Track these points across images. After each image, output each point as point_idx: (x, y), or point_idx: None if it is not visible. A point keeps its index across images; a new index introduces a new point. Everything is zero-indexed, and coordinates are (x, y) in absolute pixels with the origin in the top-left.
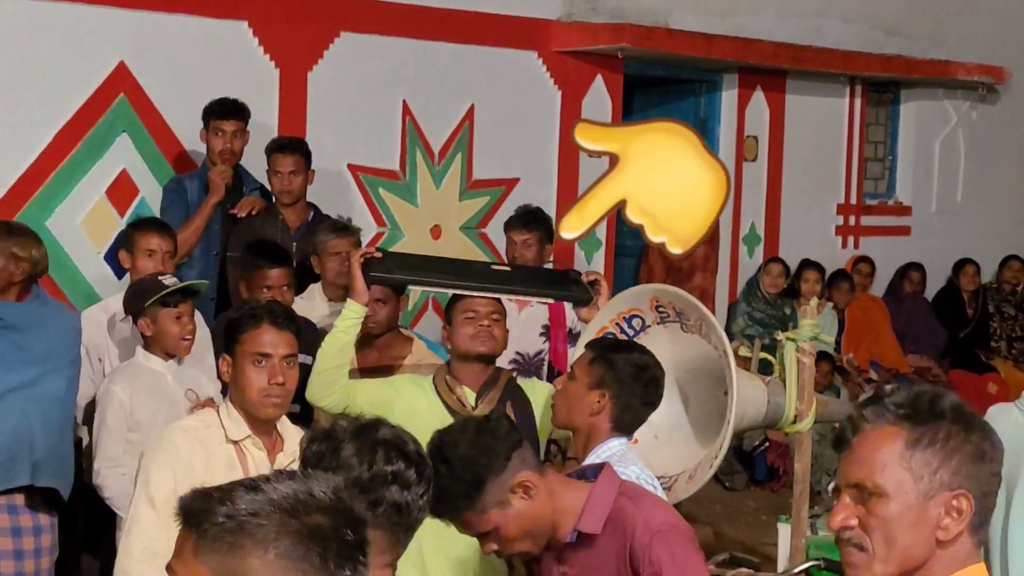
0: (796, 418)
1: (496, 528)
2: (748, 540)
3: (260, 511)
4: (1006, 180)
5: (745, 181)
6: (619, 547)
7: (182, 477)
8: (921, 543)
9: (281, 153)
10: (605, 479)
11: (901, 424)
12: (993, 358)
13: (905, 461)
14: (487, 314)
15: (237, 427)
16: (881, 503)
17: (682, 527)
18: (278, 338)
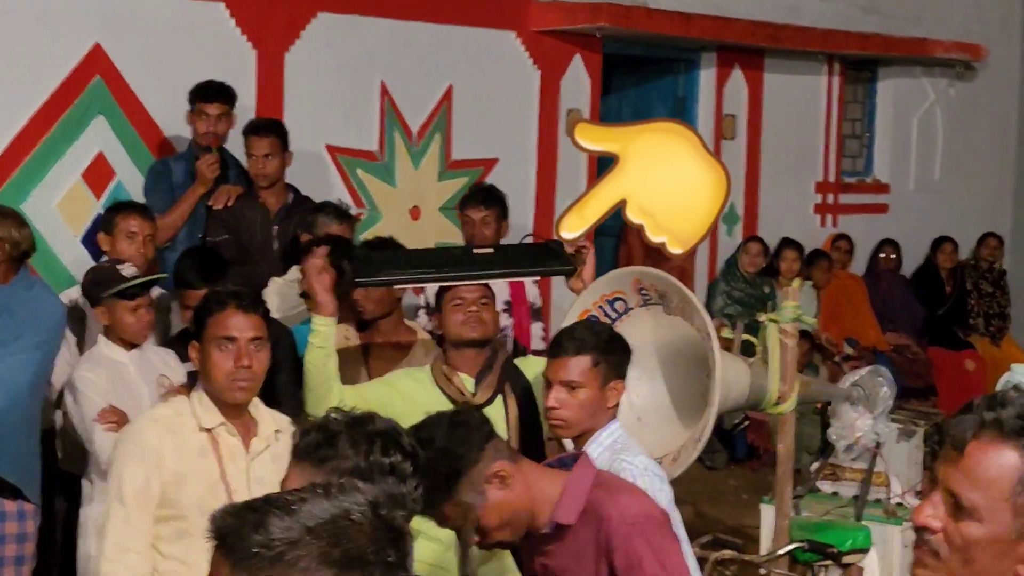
0: (779, 399)
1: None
2: (729, 519)
3: (298, 540)
4: (984, 157)
5: (724, 160)
6: (596, 539)
7: (152, 469)
8: (999, 571)
9: (256, 135)
10: (580, 469)
11: (1021, 449)
12: (971, 335)
13: (1012, 495)
14: (475, 299)
15: (209, 414)
16: (972, 525)
17: (657, 516)
18: (244, 321)
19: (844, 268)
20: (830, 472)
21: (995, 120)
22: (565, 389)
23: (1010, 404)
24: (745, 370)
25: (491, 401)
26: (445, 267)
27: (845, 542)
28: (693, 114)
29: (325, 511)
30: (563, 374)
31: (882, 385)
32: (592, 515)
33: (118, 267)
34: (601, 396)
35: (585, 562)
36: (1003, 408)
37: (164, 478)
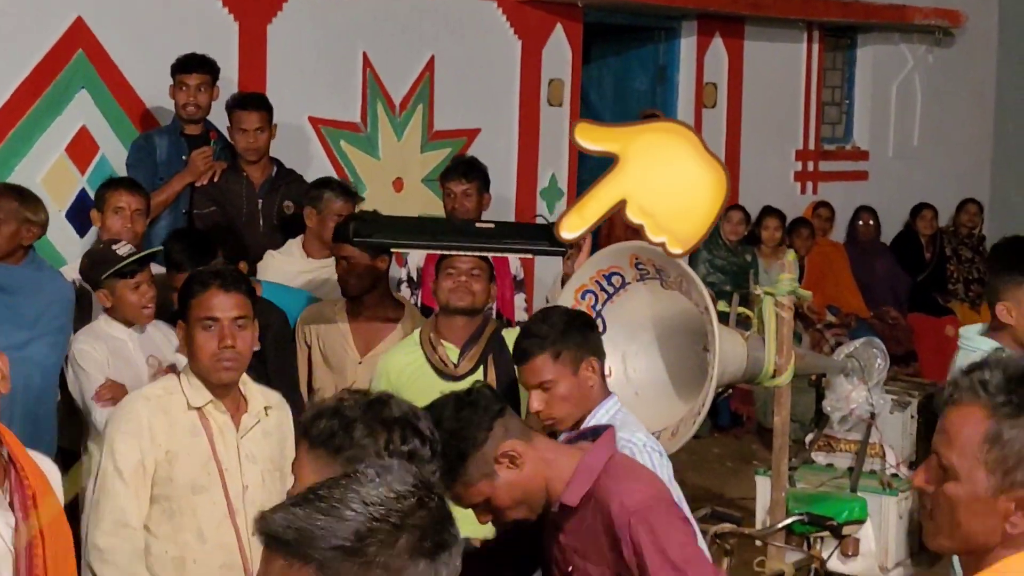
0: (775, 372)
1: (487, 499)
2: (713, 487)
3: (369, 532)
4: (963, 124)
5: (704, 128)
6: (602, 523)
7: (147, 446)
8: (986, 531)
9: (245, 110)
10: (599, 449)
11: (989, 410)
12: (950, 301)
13: (981, 452)
14: (467, 270)
15: (198, 393)
16: (951, 485)
17: (660, 500)
18: (227, 301)
19: (825, 235)
20: (825, 444)
21: (973, 86)
22: (541, 391)
23: (986, 367)
24: (741, 343)
25: (473, 371)
26: (444, 237)
27: (841, 513)
28: (674, 83)
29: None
30: (533, 378)
31: (877, 357)
32: (598, 501)
33: (113, 247)
34: (578, 381)
35: (593, 544)
36: (979, 371)
37: (157, 456)
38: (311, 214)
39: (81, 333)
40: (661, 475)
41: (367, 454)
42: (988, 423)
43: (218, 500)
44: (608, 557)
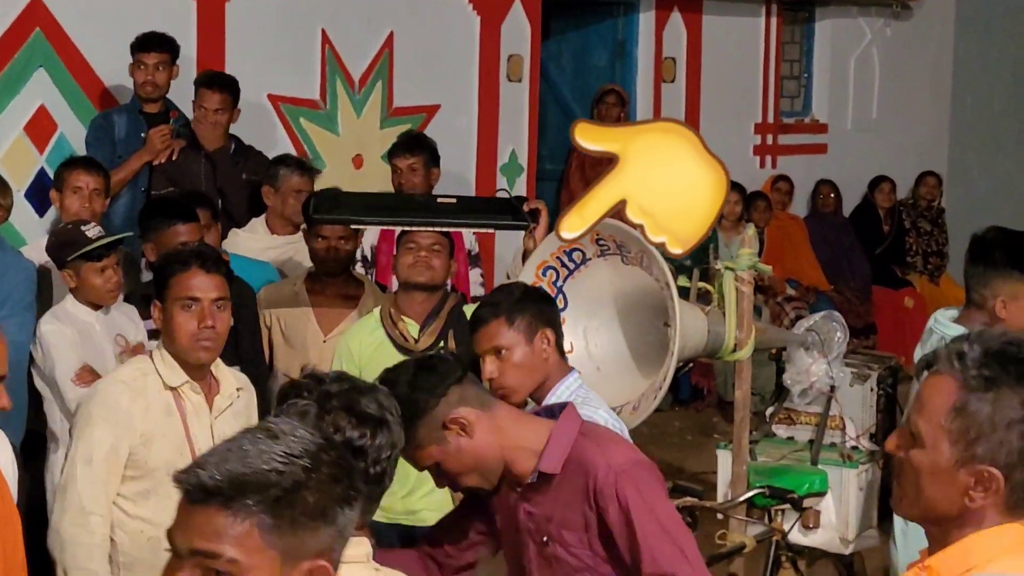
0: (736, 346)
1: (437, 464)
2: (675, 461)
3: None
4: (921, 96)
5: (664, 103)
6: (582, 487)
7: (123, 432)
8: (947, 502)
9: (209, 89)
10: (567, 418)
11: (960, 380)
12: (909, 273)
13: (946, 422)
14: (427, 245)
15: (173, 373)
16: (917, 452)
17: (645, 463)
18: (207, 281)
19: (784, 209)
20: (785, 417)
21: (931, 59)
22: (494, 357)
23: (968, 340)
24: (702, 318)
25: (433, 347)
26: (404, 212)
27: (802, 486)
28: (633, 58)
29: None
30: (486, 343)
31: (836, 330)
32: (577, 464)
33: (82, 228)
34: (532, 350)
35: (572, 511)
36: (959, 343)
37: (133, 440)
38: (269, 192)
39: (48, 314)
40: None
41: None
42: (957, 393)
43: None
44: (587, 521)
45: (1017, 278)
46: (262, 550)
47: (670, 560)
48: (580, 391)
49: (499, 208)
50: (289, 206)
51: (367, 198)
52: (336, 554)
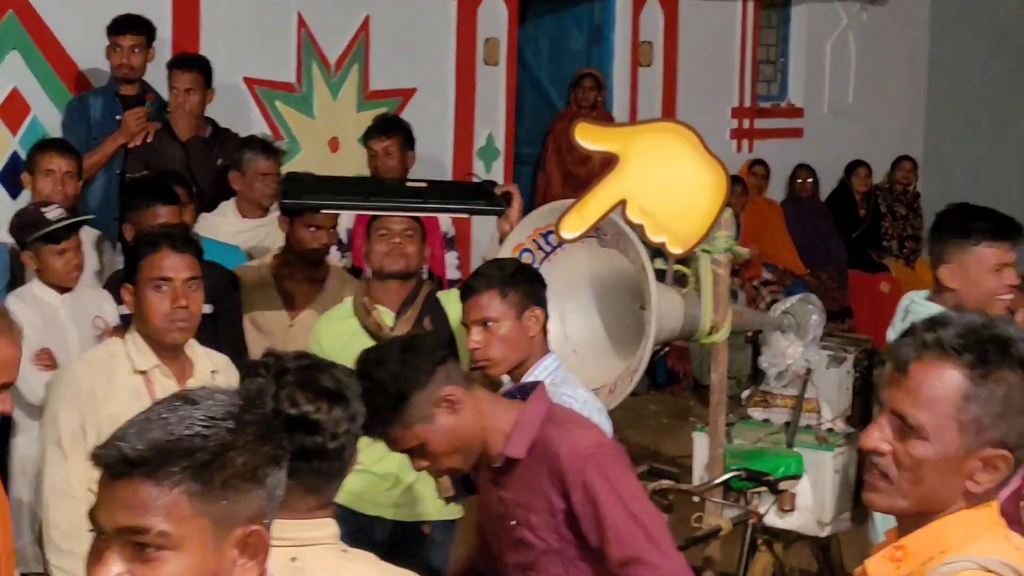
0: (712, 329)
1: (423, 444)
2: (651, 444)
3: (230, 442)
4: (897, 81)
5: (640, 87)
6: (547, 473)
7: (87, 412)
8: (949, 490)
9: (180, 69)
10: (535, 401)
11: (963, 368)
12: (885, 257)
13: (957, 412)
14: (400, 231)
15: (144, 357)
16: (919, 444)
17: (610, 446)
18: (179, 261)
19: (761, 193)
20: (761, 399)
21: (907, 43)
22: (481, 328)
23: (950, 324)
24: (679, 301)
25: None
26: (375, 196)
27: (778, 469)
28: (609, 41)
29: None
30: (475, 313)
31: (812, 313)
32: (543, 450)
33: (42, 210)
34: (520, 326)
35: (537, 495)
36: (943, 328)
37: (99, 421)
38: (236, 177)
39: (14, 295)
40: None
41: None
42: (965, 382)
43: None
44: (553, 506)
45: (961, 246)
46: (192, 518)
47: (636, 544)
48: (558, 372)
49: (471, 192)
50: (256, 190)
51: (338, 183)
52: (269, 518)
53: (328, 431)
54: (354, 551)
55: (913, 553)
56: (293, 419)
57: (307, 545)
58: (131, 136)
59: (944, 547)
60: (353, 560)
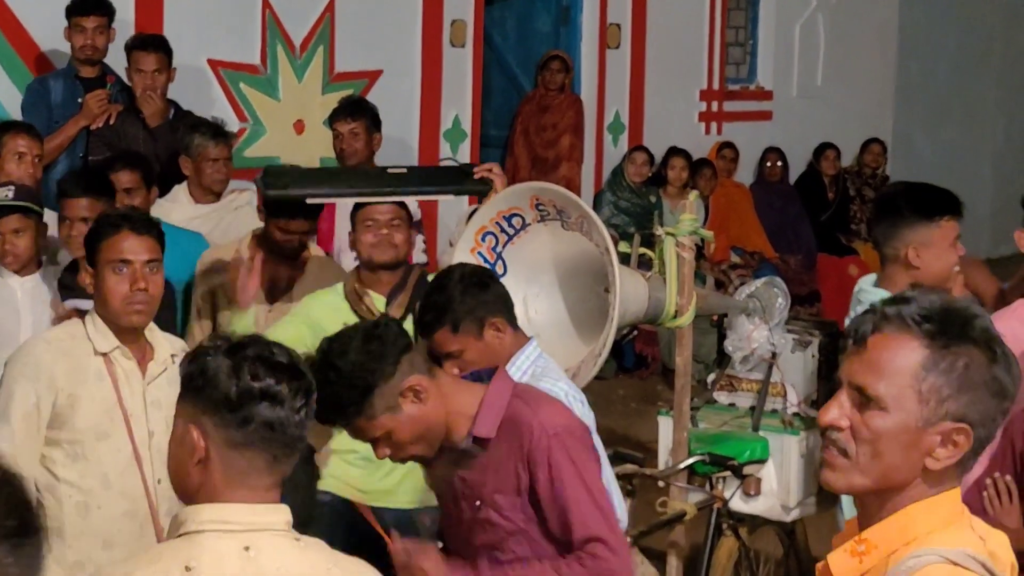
0: (677, 313)
1: (388, 433)
2: (619, 428)
3: None
4: (866, 63)
5: (608, 69)
6: (516, 450)
7: (44, 390)
8: (908, 466)
9: (144, 51)
10: (499, 382)
11: (923, 339)
12: (853, 240)
13: (916, 381)
14: (387, 221)
15: (104, 338)
16: (878, 416)
17: (576, 427)
18: (138, 244)
19: (729, 176)
20: (726, 383)
21: (876, 26)
22: (451, 360)
23: (912, 301)
24: (643, 284)
25: (402, 320)
26: (358, 184)
27: (743, 453)
28: (577, 24)
29: None
30: (439, 349)
31: (778, 296)
32: (512, 426)
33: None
34: (484, 344)
35: (505, 474)
36: (904, 304)
37: (57, 400)
38: (186, 162)
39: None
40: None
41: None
42: (924, 352)
43: (123, 446)
44: (520, 483)
45: (924, 224)
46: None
47: (597, 526)
48: (540, 361)
49: (451, 177)
50: (206, 175)
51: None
52: None
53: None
54: (307, 539)
55: (876, 546)
56: (258, 392)
57: (261, 530)
58: (93, 119)
59: (907, 538)
60: (307, 548)
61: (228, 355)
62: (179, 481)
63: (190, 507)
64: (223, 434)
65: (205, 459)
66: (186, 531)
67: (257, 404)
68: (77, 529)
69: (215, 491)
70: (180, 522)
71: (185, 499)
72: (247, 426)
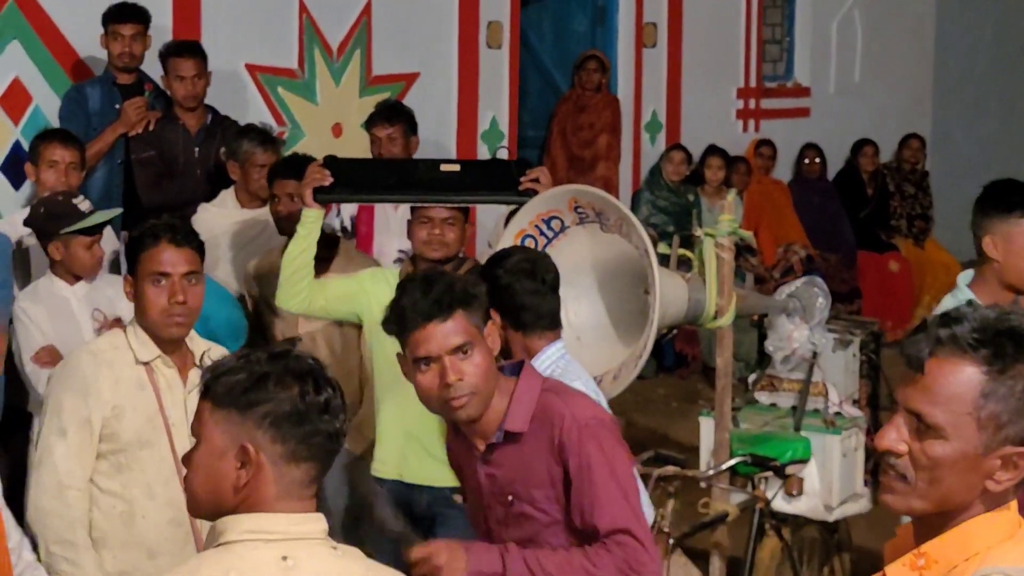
0: (717, 313)
1: (471, 343)
2: (659, 428)
3: None
4: (903, 59)
5: (645, 68)
6: (547, 442)
7: (93, 402)
8: (968, 489)
9: (181, 57)
10: (527, 376)
11: (980, 364)
12: (894, 237)
13: (976, 409)
14: (441, 221)
15: (145, 348)
16: (937, 444)
17: (608, 421)
18: (177, 256)
19: (767, 174)
20: (768, 383)
21: (913, 21)
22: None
23: (965, 320)
24: (683, 285)
25: None
26: (409, 186)
27: (785, 453)
28: (614, 23)
29: None
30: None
31: (818, 296)
32: (543, 419)
33: (73, 201)
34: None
35: (536, 469)
36: (957, 324)
37: (103, 412)
38: (234, 167)
39: (24, 292)
40: None
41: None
42: (982, 378)
43: (165, 455)
44: (552, 475)
45: (1001, 218)
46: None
47: (625, 517)
48: (561, 361)
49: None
50: (253, 181)
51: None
52: None
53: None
54: (343, 547)
55: (936, 561)
56: (322, 404)
57: (299, 539)
58: (131, 126)
59: (968, 553)
60: (343, 557)
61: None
62: (214, 495)
63: (229, 517)
64: (281, 448)
65: (256, 473)
66: (225, 541)
67: (320, 417)
68: (122, 539)
69: (261, 503)
70: (219, 532)
71: (217, 513)
72: (311, 439)
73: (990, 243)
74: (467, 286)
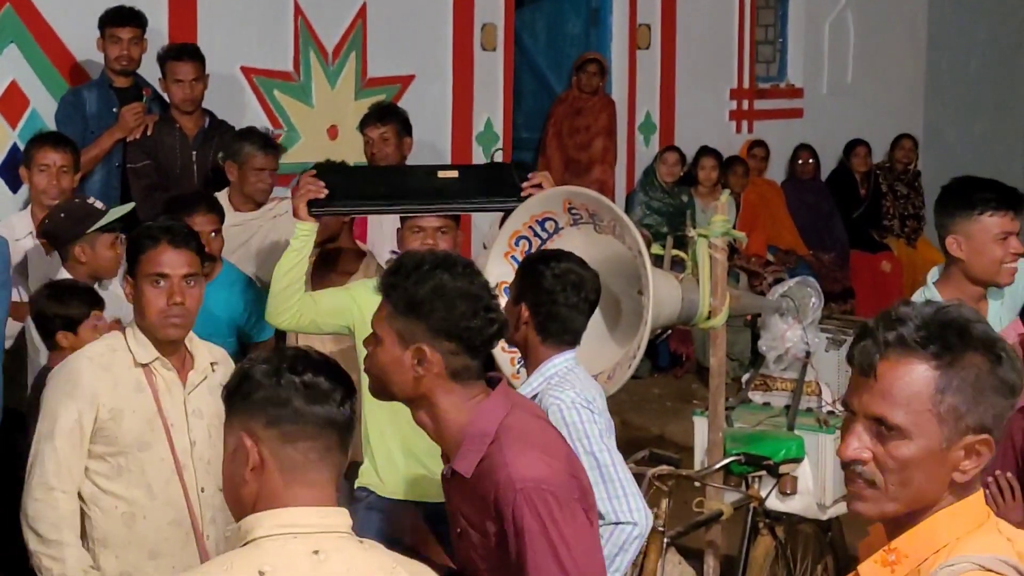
0: (710, 314)
1: (380, 337)
2: (654, 427)
3: None
4: (895, 60)
5: (639, 70)
6: (488, 495)
7: (86, 407)
8: (938, 484)
9: (180, 60)
10: (494, 403)
11: (930, 360)
12: (886, 237)
13: (934, 405)
14: (433, 231)
15: (144, 350)
16: (902, 445)
17: (552, 481)
18: (176, 258)
19: (761, 175)
20: (761, 383)
21: (905, 22)
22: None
23: (908, 320)
24: (676, 286)
25: None
26: (404, 194)
27: (779, 452)
28: (607, 25)
29: None
30: None
31: (811, 296)
32: (488, 470)
33: (89, 201)
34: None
35: (481, 513)
36: (902, 325)
37: (100, 415)
38: (232, 168)
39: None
40: (591, 431)
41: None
42: (935, 373)
43: (165, 456)
44: (491, 529)
45: (964, 216)
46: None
47: None
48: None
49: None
50: (250, 184)
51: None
52: None
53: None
54: (368, 541)
55: (906, 555)
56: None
57: (328, 532)
58: (128, 131)
59: (937, 546)
60: (371, 550)
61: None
62: (236, 495)
63: (252, 516)
64: (273, 431)
65: (260, 464)
66: (253, 538)
67: (301, 395)
68: (123, 540)
69: (275, 494)
70: (245, 531)
71: (244, 514)
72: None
73: (953, 242)
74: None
